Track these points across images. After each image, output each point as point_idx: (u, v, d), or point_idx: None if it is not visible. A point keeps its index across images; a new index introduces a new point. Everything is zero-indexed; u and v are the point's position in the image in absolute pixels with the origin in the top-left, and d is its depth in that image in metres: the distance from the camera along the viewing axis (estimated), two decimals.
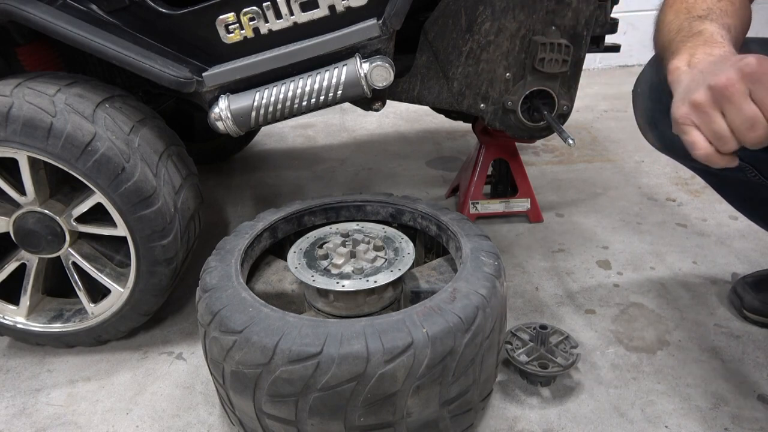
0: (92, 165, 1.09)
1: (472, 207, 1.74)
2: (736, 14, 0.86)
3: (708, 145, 0.67)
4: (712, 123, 0.66)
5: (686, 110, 0.68)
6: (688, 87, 0.70)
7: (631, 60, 3.40)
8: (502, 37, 1.26)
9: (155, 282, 1.21)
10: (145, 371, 1.25)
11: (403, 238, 1.13)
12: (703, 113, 0.66)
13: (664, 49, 0.86)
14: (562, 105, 1.34)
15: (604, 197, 1.93)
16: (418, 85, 1.33)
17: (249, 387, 0.86)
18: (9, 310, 1.27)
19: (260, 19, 1.17)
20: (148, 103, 1.37)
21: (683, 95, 0.70)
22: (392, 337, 0.83)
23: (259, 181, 2.16)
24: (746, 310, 1.32)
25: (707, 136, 0.67)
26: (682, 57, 0.77)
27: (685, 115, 0.68)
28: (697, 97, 0.66)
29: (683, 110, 0.68)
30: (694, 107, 0.67)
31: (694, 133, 0.68)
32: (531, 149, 2.33)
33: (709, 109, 0.66)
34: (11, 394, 1.21)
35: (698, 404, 1.11)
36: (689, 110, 0.68)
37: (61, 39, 1.10)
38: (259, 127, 1.42)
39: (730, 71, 0.64)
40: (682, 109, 0.69)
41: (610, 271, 1.53)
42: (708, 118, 0.66)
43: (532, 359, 1.14)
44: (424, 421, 0.88)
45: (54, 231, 1.18)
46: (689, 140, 0.69)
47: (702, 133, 0.68)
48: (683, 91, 0.70)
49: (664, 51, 0.86)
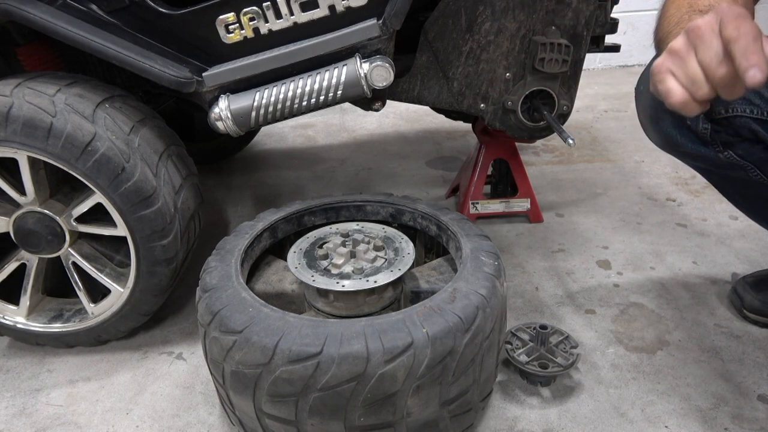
0: (92, 165, 1.09)
1: (472, 207, 1.74)
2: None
3: (683, 90, 0.66)
4: (686, 66, 0.65)
5: (663, 58, 0.67)
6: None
7: (631, 60, 3.40)
8: (502, 37, 1.26)
9: (155, 282, 1.21)
10: (145, 371, 1.25)
11: (403, 238, 1.13)
12: (677, 57, 0.66)
13: (661, 41, 0.86)
14: (562, 105, 1.34)
15: (604, 197, 1.93)
16: (418, 85, 1.33)
17: (249, 387, 0.86)
18: (9, 310, 1.27)
19: (260, 19, 1.17)
20: (148, 103, 1.37)
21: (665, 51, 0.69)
22: (392, 337, 0.83)
23: (259, 181, 2.16)
24: (746, 310, 1.32)
25: (682, 82, 0.66)
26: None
27: (661, 63, 0.68)
28: (674, 42, 0.66)
29: (660, 59, 0.68)
30: (670, 53, 0.67)
31: (670, 80, 0.67)
32: (531, 149, 2.33)
33: (684, 53, 0.65)
34: (11, 394, 1.21)
35: (698, 404, 1.11)
36: (665, 57, 0.67)
37: (61, 39, 1.10)
38: (259, 127, 1.42)
39: (706, 17, 0.63)
40: (660, 59, 0.68)
41: (610, 271, 1.53)
42: (681, 62, 0.66)
43: (532, 359, 1.14)
44: (424, 421, 0.88)
45: (54, 231, 1.18)
46: (664, 88, 0.68)
47: (677, 80, 0.67)
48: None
49: (661, 43, 0.85)
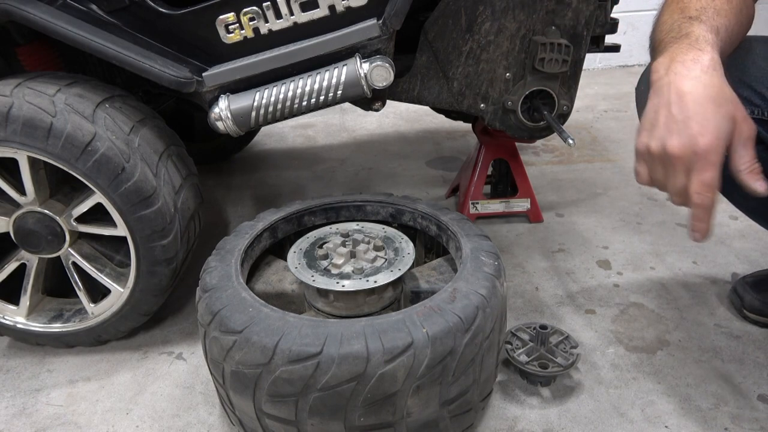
0: (92, 165, 1.09)
1: (472, 207, 1.74)
2: (732, 13, 0.86)
3: (648, 180, 0.81)
4: (655, 172, 0.79)
5: (643, 149, 0.79)
6: (655, 111, 0.78)
7: (631, 60, 3.40)
8: (502, 37, 1.26)
9: (155, 282, 1.21)
10: (145, 371, 1.25)
11: (403, 238, 1.13)
12: (652, 161, 0.79)
13: (654, 48, 0.89)
14: (562, 105, 1.34)
15: (604, 197, 1.93)
16: (418, 85, 1.33)
17: (249, 387, 0.86)
18: (9, 310, 1.27)
19: (260, 19, 1.17)
20: (148, 103, 1.37)
21: (649, 125, 0.79)
22: (392, 337, 0.83)
23: (259, 181, 2.16)
24: (746, 310, 1.32)
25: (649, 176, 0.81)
26: (664, 59, 0.81)
27: (642, 151, 0.80)
28: (653, 146, 0.77)
29: (642, 146, 0.79)
30: (648, 152, 0.78)
31: (642, 166, 0.81)
32: (531, 149, 2.33)
33: (656, 163, 0.78)
34: (11, 394, 1.21)
35: (698, 404, 1.11)
36: (644, 151, 0.79)
37: (61, 39, 1.10)
38: (259, 127, 1.42)
39: (684, 138, 0.74)
40: (642, 143, 0.79)
41: (610, 271, 1.53)
42: (653, 167, 0.79)
43: (532, 359, 1.14)
44: (424, 421, 0.88)
45: (54, 231, 1.18)
46: (636, 168, 0.82)
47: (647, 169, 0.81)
48: (650, 117, 0.79)
49: (654, 50, 0.88)
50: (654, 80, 0.81)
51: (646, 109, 0.80)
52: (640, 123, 0.82)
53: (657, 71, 0.80)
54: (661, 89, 0.78)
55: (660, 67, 0.80)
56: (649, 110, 0.80)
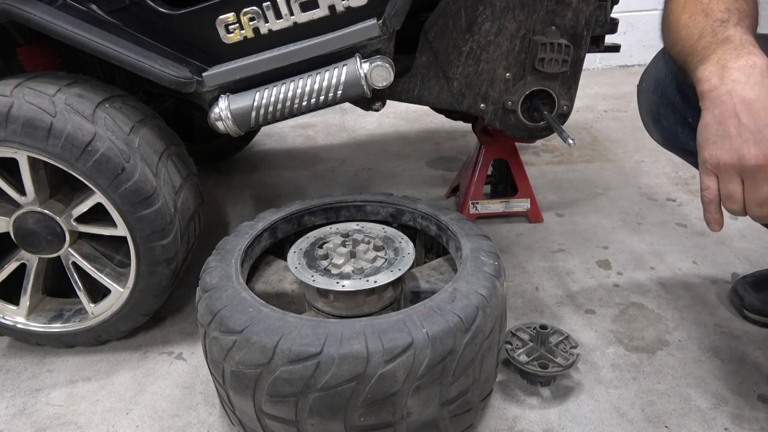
0: (92, 165, 1.09)
1: (472, 207, 1.74)
2: (752, 15, 0.85)
3: (717, 195, 0.77)
4: (729, 185, 0.75)
5: (714, 162, 0.75)
6: (720, 123, 0.75)
7: (631, 60, 3.40)
8: (502, 37, 1.26)
9: (155, 282, 1.21)
10: (145, 371, 1.25)
11: (403, 238, 1.13)
12: (726, 174, 0.75)
13: (686, 55, 0.85)
14: (562, 105, 1.34)
15: (604, 197, 1.93)
16: (418, 85, 1.33)
17: (249, 387, 0.86)
18: (9, 310, 1.27)
19: (260, 19, 1.17)
20: (148, 103, 1.37)
21: (716, 137, 0.75)
22: (392, 337, 0.83)
23: (259, 181, 2.16)
24: (746, 310, 1.32)
25: (720, 190, 0.77)
26: (713, 66, 0.77)
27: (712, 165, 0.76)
28: (727, 159, 0.74)
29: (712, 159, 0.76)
30: (719, 165, 0.75)
31: (712, 180, 0.77)
32: (531, 149, 2.33)
33: (731, 175, 0.74)
34: (11, 394, 1.21)
35: (698, 404, 1.11)
36: (715, 164, 0.75)
37: (61, 39, 1.10)
38: (259, 127, 1.42)
39: (765, 146, 0.70)
40: (712, 156, 0.76)
41: (610, 271, 1.53)
42: (727, 180, 0.75)
43: (532, 359, 1.14)
44: (424, 421, 0.88)
45: (54, 231, 1.18)
46: (705, 183, 0.78)
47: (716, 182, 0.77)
48: (715, 129, 0.75)
49: (688, 57, 0.84)
50: (706, 90, 0.77)
51: (706, 122, 0.77)
52: (700, 137, 0.78)
53: (708, 80, 0.77)
54: (721, 98, 0.75)
55: (711, 77, 0.76)
56: (710, 122, 0.76)
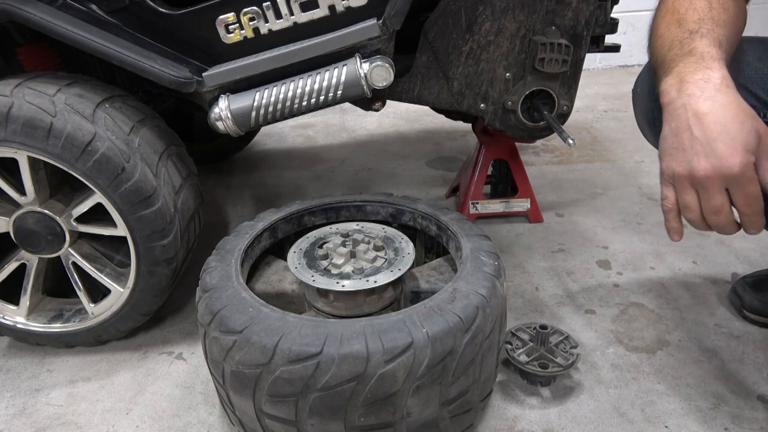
0: (92, 165, 1.09)
1: (472, 207, 1.74)
2: (730, 22, 0.85)
3: (675, 204, 0.80)
4: (685, 195, 0.78)
5: (669, 173, 0.79)
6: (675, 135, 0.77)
7: (631, 60, 3.40)
8: (502, 37, 1.26)
9: (155, 282, 1.21)
10: (145, 371, 1.25)
11: (403, 238, 1.13)
12: (681, 185, 0.78)
13: (657, 65, 0.88)
14: (562, 105, 1.34)
15: (604, 197, 1.93)
16: (418, 85, 1.33)
17: (249, 387, 0.86)
18: (9, 310, 1.27)
19: (260, 19, 1.17)
20: (148, 103, 1.37)
21: (671, 149, 0.78)
22: (392, 337, 0.83)
23: (259, 181, 2.16)
24: (746, 310, 1.32)
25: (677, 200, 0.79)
26: (672, 80, 0.80)
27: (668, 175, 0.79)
28: (680, 170, 0.77)
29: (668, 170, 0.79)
30: (674, 176, 0.78)
31: (669, 190, 0.79)
32: (531, 149, 2.33)
33: (686, 186, 0.77)
34: (11, 394, 1.21)
35: (698, 404, 1.11)
36: (671, 175, 0.78)
37: (61, 39, 1.10)
38: (259, 127, 1.42)
39: (713, 159, 0.73)
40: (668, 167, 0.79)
41: (610, 271, 1.53)
42: (683, 190, 0.78)
43: (532, 359, 1.14)
44: (424, 421, 0.88)
45: (54, 231, 1.18)
46: (663, 193, 0.81)
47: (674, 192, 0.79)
48: (671, 141, 0.78)
49: (659, 68, 0.87)
50: (666, 103, 0.79)
51: (664, 134, 0.79)
52: (660, 147, 0.81)
53: (668, 93, 0.79)
54: (677, 112, 0.77)
55: (671, 90, 0.79)
56: (667, 134, 0.79)
